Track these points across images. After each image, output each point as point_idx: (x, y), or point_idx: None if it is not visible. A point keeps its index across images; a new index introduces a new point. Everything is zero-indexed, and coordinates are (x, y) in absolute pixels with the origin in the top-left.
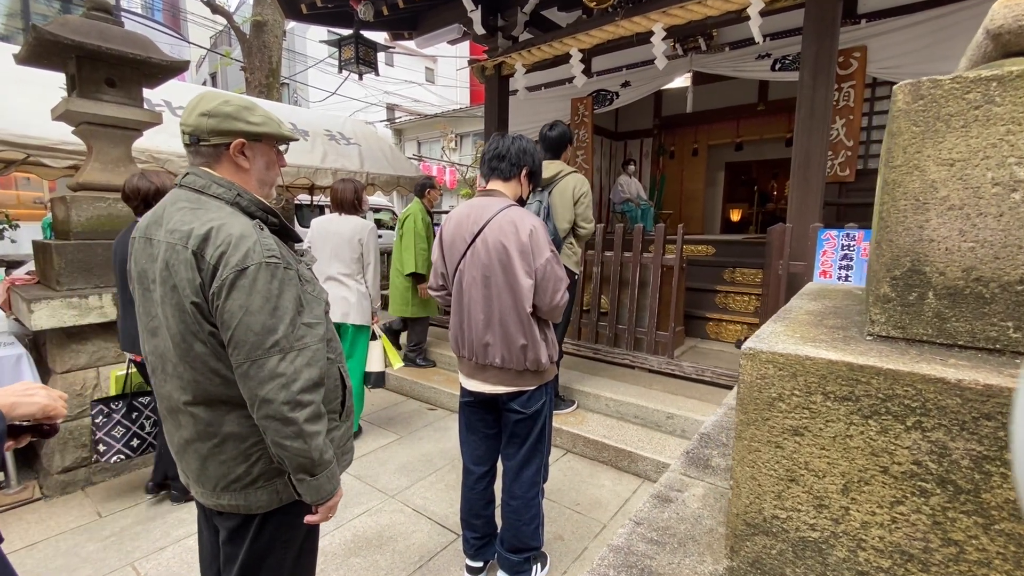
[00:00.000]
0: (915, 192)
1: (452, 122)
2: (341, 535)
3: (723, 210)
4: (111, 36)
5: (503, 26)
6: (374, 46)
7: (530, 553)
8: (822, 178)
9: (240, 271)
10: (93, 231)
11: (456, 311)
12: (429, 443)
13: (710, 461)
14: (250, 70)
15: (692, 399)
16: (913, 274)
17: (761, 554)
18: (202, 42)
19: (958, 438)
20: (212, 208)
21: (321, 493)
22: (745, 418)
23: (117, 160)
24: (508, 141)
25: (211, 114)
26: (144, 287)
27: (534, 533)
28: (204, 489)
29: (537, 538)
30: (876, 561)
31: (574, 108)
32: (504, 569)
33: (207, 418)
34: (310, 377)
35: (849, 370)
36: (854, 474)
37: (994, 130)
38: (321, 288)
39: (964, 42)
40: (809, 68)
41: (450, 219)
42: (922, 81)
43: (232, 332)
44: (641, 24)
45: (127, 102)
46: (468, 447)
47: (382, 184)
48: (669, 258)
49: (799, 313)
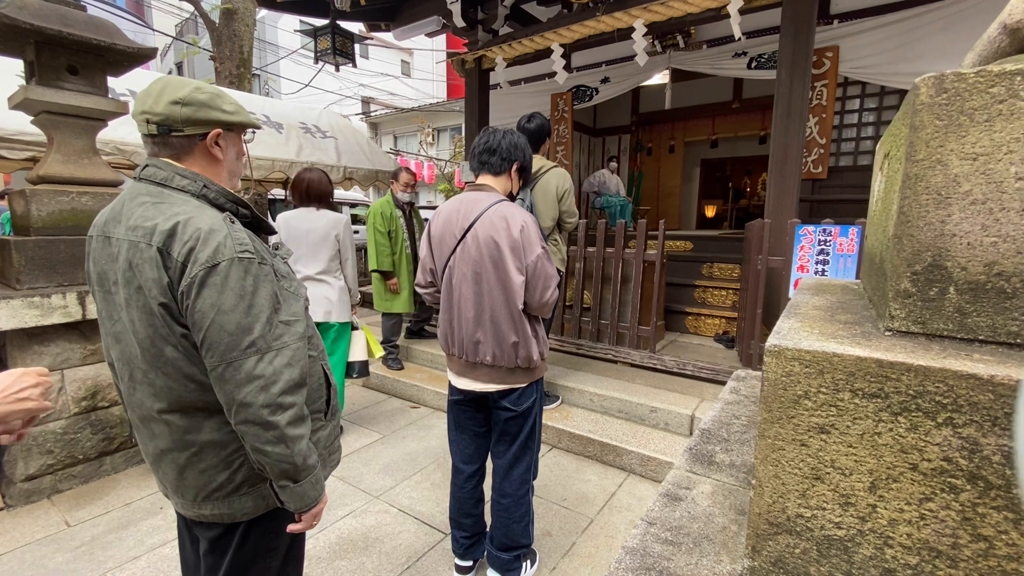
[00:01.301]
0: (937, 186)
1: (429, 116)
2: (325, 538)
3: (699, 206)
4: (73, 21)
5: (483, 19)
6: (351, 37)
7: (520, 551)
8: (798, 175)
9: (211, 268)
10: (55, 227)
11: (446, 308)
12: (413, 442)
13: (714, 457)
14: (220, 60)
15: (674, 392)
16: (934, 269)
17: (784, 553)
18: (167, 30)
19: (990, 434)
20: (177, 201)
21: (305, 500)
22: (769, 416)
23: (80, 152)
24: (499, 135)
25: (185, 102)
26: (105, 289)
27: (524, 531)
28: (183, 500)
29: (527, 536)
30: (903, 558)
31: (554, 103)
32: (494, 567)
33: (183, 426)
34: (290, 378)
35: (878, 367)
36: (882, 471)
37: (1018, 124)
38: (299, 283)
39: (933, 43)
40: (786, 66)
41: (439, 214)
42: (946, 75)
43: (204, 333)
44: (622, 20)
45: (90, 91)
46: (457, 446)
47: (360, 179)
48: (651, 254)
49: (808, 309)
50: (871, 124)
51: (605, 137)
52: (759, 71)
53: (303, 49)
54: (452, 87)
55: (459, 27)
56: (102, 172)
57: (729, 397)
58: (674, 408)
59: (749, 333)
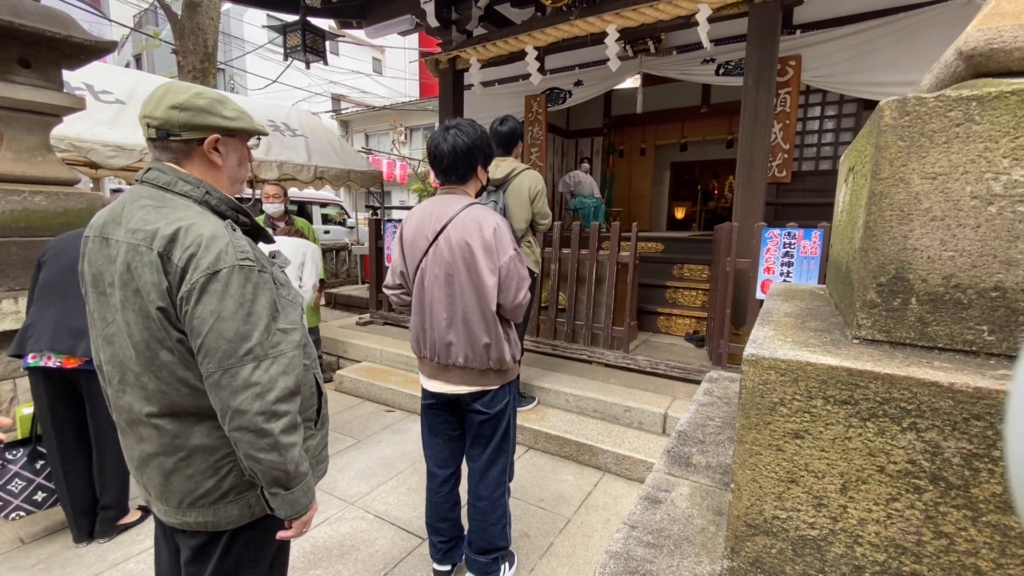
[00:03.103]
0: (900, 203)
1: (402, 115)
2: (300, 547)
3: (669, 208)
4: (24, 11)
5: (457, 20)
6: (322, 34)
7: (498, 553)
8: (764, 179)
9: (212, 274)
10: (6, 228)
11: (417, 311)
12: (388, 446)
13: (691, 459)
14: (182, 53)
15: (648, 392)
16: (898, 281)
17: (761, 554)
18: (124, 20)
19: (950, 437)
20: (179, 207)
21: (296, 507)
22: (747, 422)
23: (33, 149)
24: (452, 139)
25: (183, 107)
26: (99, 291)
27: (501, 533)
28: (167, 506)
29: (505, 538)
30: (872, 556)
31: (528, 105)
32: (472, 571)
33: (173, 430)
34: (286, 386)
35: (849, 375)
36: (852, 474)
37: (973, 147)
38: (296, 292)
39: (887, 55)
40: (753, 73)
41: (411, 217)
42: (908, 98)
43: (203, 339)
44: (595, 24)
45: (44, 85)
46: (432, 451)
47: (331, 178)
48: (624, 255)
49: (779, 316)
50: (831, 131)
51: (578, 139)
52: (726, 78)
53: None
54: (425, 86)
55: (433, 27)
56: (56, 170)
57: (703, 398)
58: (647, 407)
59: (719, 333)
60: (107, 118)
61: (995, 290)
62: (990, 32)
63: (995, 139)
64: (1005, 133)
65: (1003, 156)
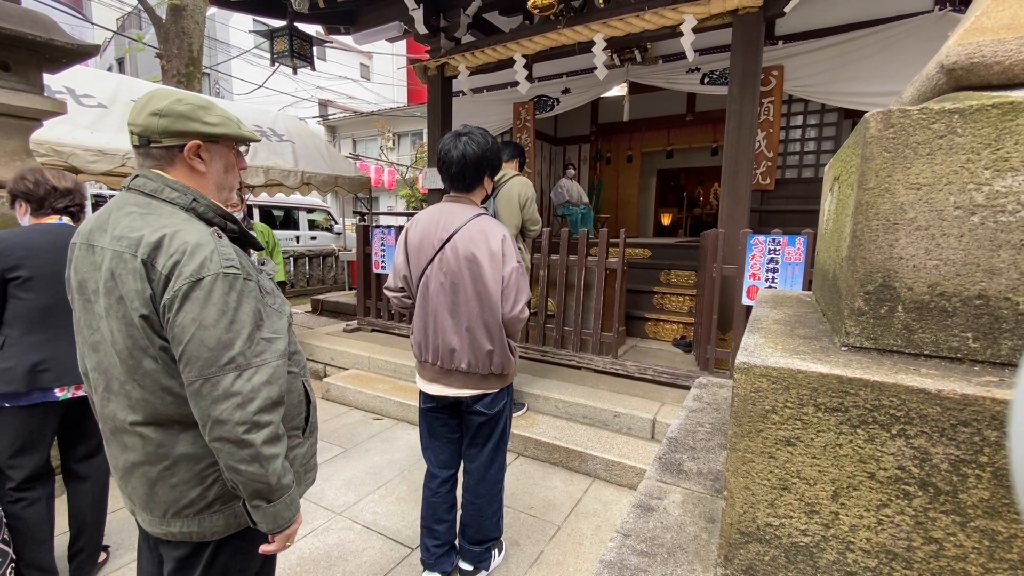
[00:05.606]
0: (886, 213)
1: (390, 121)
2: (286, 559)
3: (655, 214)
4: (4, 13)
5: (446, 27)
6: (309, 39)
7: (491, 543)
8: (749, 186)
9: (195, 282)
10: None
11: (420, 316)
12: (376, 455)
13: (682, 466)
14: (167, 57)
15: (636, 397)
16: (885, 289)
17: (754, 561)
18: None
19: (938, 444)
20: (165, 214)
21: (279, 521)
22: (739, 430)
23: (12, 153)
24: (462, 147)
25: (163, 113)
26: (84, 298)
27: (496, 525)
28: (151, 516)
29: (498, 528)
30: (863, 561)
31: (516, 112)
32: (467, 560)
33: (158, 439)
34: (268, 396)
35: (839, 382)
36: (843, 481)
37: (956, 158)
38: (283, 300)
39: (866, 66)
40: (737, 83)
41: (417, 222)
42: (892, 111)
43: (184, 347)
44: (583, 33)
45: (24, 88)
46: (432, 452)
47: (319, 184)
48: (612, 261)
49: (768, 323)
50: (813, 139)
51: (566, 146)
52: (711, 87)
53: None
54: (413, 92)
55: (421, 34)
56: None
57: (693, 404)
58: (636, 412)
59: (706, 338)
60: (88, 122)
61: (979, 298)
62: (970, 47)
63: (977, 151)
64: (986, 145)
65: (984, 167)
